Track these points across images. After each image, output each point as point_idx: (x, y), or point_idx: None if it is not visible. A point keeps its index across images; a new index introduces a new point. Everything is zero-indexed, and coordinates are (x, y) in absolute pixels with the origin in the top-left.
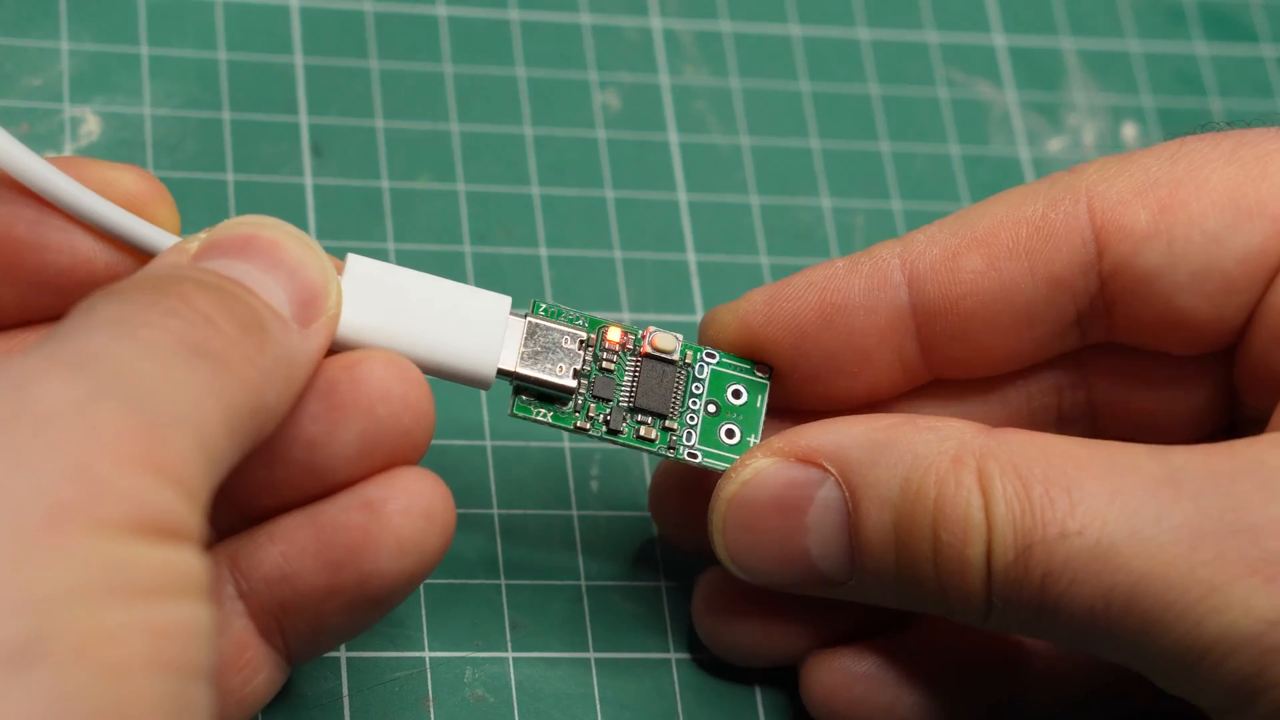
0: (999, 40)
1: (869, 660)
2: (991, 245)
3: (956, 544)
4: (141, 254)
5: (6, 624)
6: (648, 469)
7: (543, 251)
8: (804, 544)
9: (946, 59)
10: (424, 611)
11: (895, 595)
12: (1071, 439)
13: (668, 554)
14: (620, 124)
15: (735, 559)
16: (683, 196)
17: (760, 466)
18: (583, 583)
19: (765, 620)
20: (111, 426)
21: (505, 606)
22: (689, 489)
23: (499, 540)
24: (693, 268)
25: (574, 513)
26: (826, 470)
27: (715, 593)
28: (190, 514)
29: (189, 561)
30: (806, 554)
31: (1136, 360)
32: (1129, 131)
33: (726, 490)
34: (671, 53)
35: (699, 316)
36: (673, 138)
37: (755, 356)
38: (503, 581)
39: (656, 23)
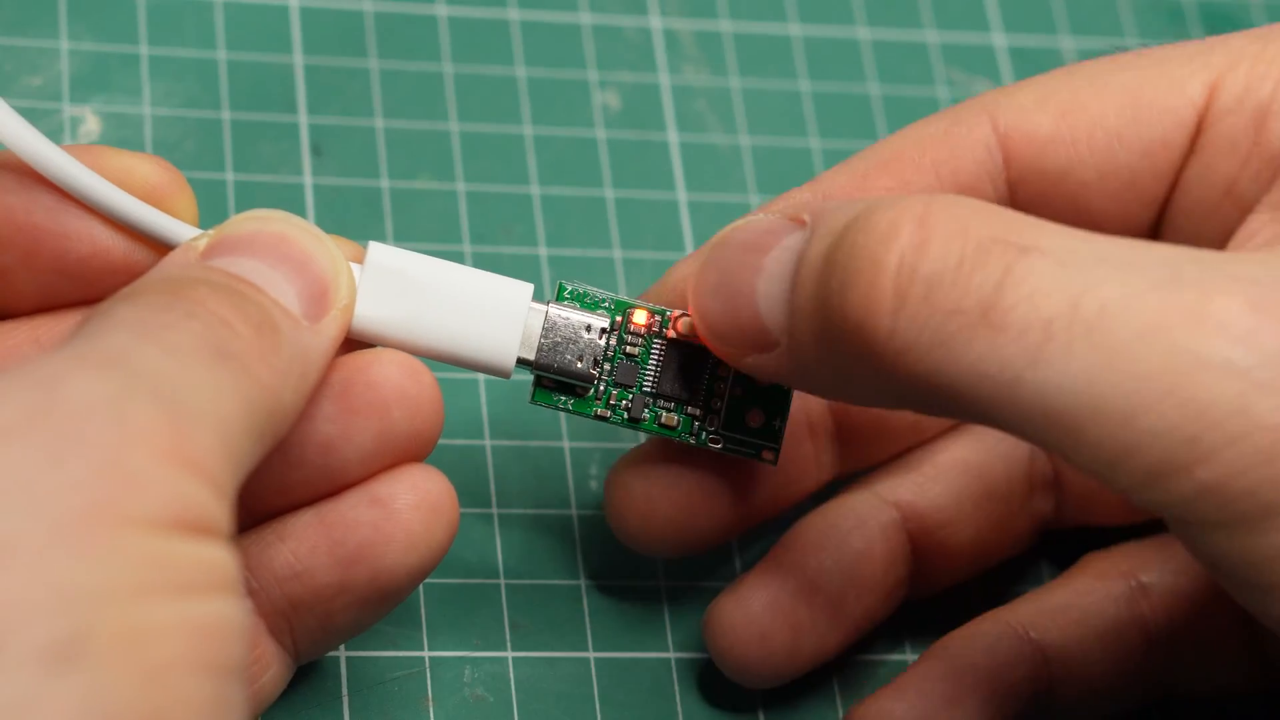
0: (999, 40)
1: (767, 591)
2: (899, 164)
3: (870, 244)
4: (159, 245)
5: (45, 623)
6: None
7: (542, 251)
8: (754, 283)
9: (946, 59)
10: (423, 611)
11: (816, 349)
12: None
13: None
14: (620, 124)
15: (698, 298)
16: (682, 196)
17: (753, 216)
18: (582, 582)
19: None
20: (143, 423)
21: (505, 606)
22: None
23: (498, 540)
24: None
25: (574, 512)
26: (804, 222)
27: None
28: (220, 510)
29: (222, 557)
30: (753, 294)
31: None
32: None
33: (718, 235)
34: (671, 52)
35: None
36: (672, 137)
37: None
38: (502, 581)
39: (656, 22)
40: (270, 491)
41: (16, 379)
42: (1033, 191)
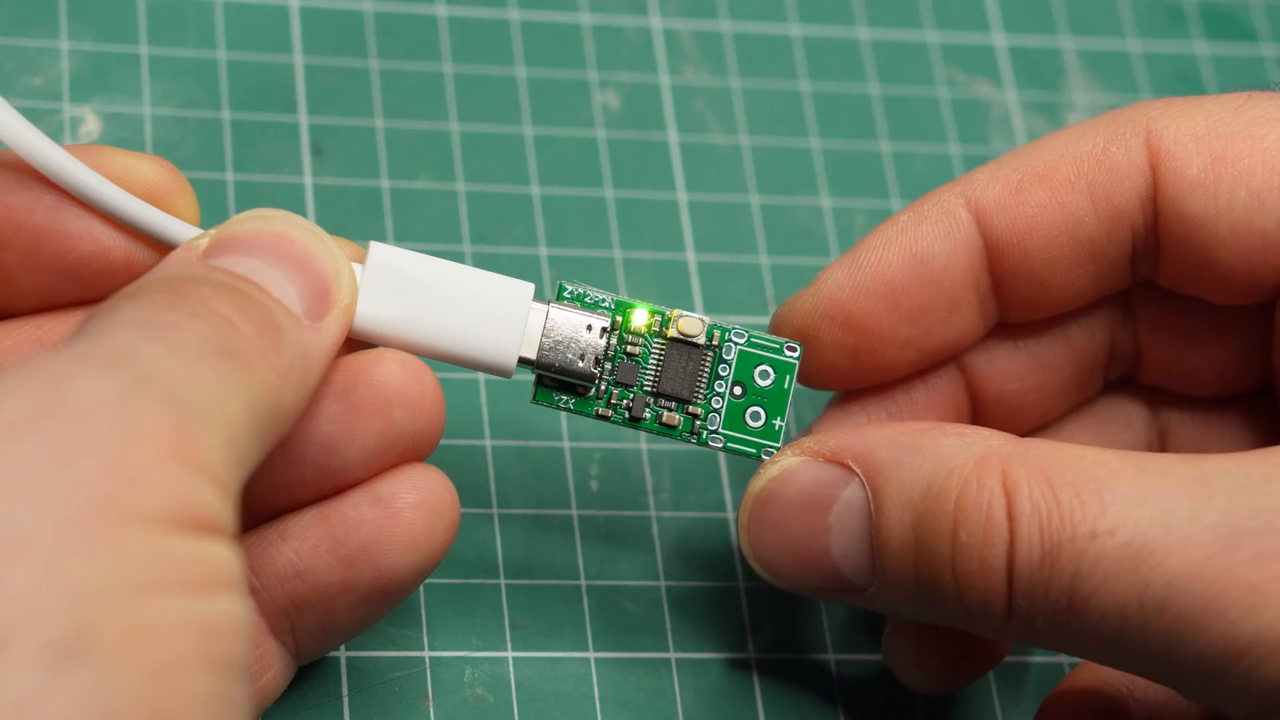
0: (999, 40)
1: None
2: (1053, 180)
3: (976, 544)
4: (160, 245)
5: (50, 620)
6: (648, 469)
7: (543, 251)
8: (826, 543)
9: (946, 59)
10: (424, 611)
11: (916, 603)
12: (1100, 449)
13: (667, 553)
14: (620, 124)
15: (759, 557)
16: (682, 196)
17: (789, 464)
18: (582, 582)
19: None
20: (149, 421)
21: (505, 606)
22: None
23: (499, 540)
24: (692, 267)
25: (574, 512)
26: (852, 471)
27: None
28: (224, 508)
29: (226, 555)
30: (828, 554)
31: (1178, 306)
32: None
33: (755, 486)
34: (671, 52)
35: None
36: (673, 137)
37: (847, 335)
38: (502, 581)
39: (656, 22)
40: (272, 491)
41: (22, 377)
42: (1172, 231)
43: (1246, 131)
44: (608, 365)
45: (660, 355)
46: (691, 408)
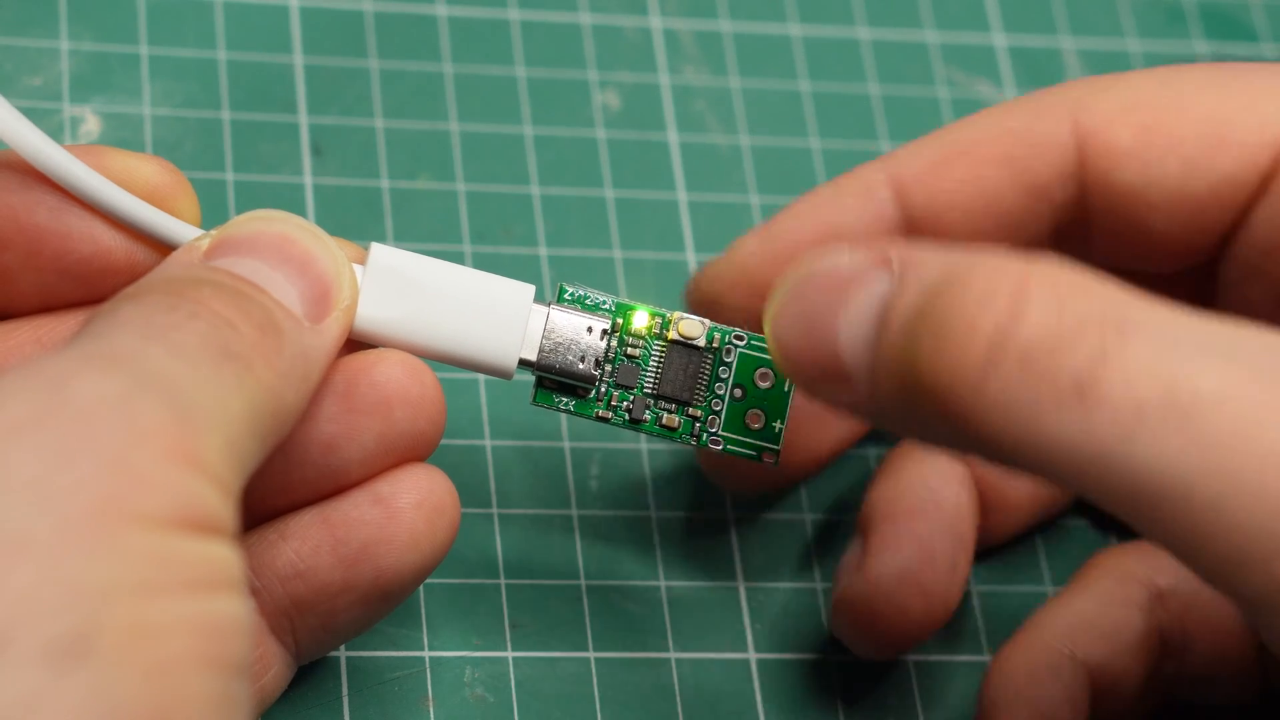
0: (999, 40)
1: (896, 563)
2: (975, 155)
3: (969, 306)
4: (161, 246)
5: (52, 620)
6: (648, 468)
7: (542, 251)
8: (836, 320)
9: (946, 59)
10: (424, 611)
11: (901, 402)
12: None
13: (667, 553)
14: (620, 124)
15: (776, 326)
16: (682, 196)
17: (840, 251)
18: (582, 582)
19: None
20: (151, 422)
21: (505, 606)
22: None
23: (499, 540)
24: (692, 267)
25: (574, 512)
26: (892, 267)
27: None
28: (226, 509)
29: (227, 555)
30: (834, 330)
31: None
32: None
33: (800, 265)
34: (671, 52)
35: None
36: (672, 137)
37: (754, 305)
38: (502, 581)
39: (656, 22)
40: (273, 491)
41: (24, 377)
42: (1101, 203)
43: (1174, 101)
44: (608, 367)
45: (660, 357)
46: (691, 410)
